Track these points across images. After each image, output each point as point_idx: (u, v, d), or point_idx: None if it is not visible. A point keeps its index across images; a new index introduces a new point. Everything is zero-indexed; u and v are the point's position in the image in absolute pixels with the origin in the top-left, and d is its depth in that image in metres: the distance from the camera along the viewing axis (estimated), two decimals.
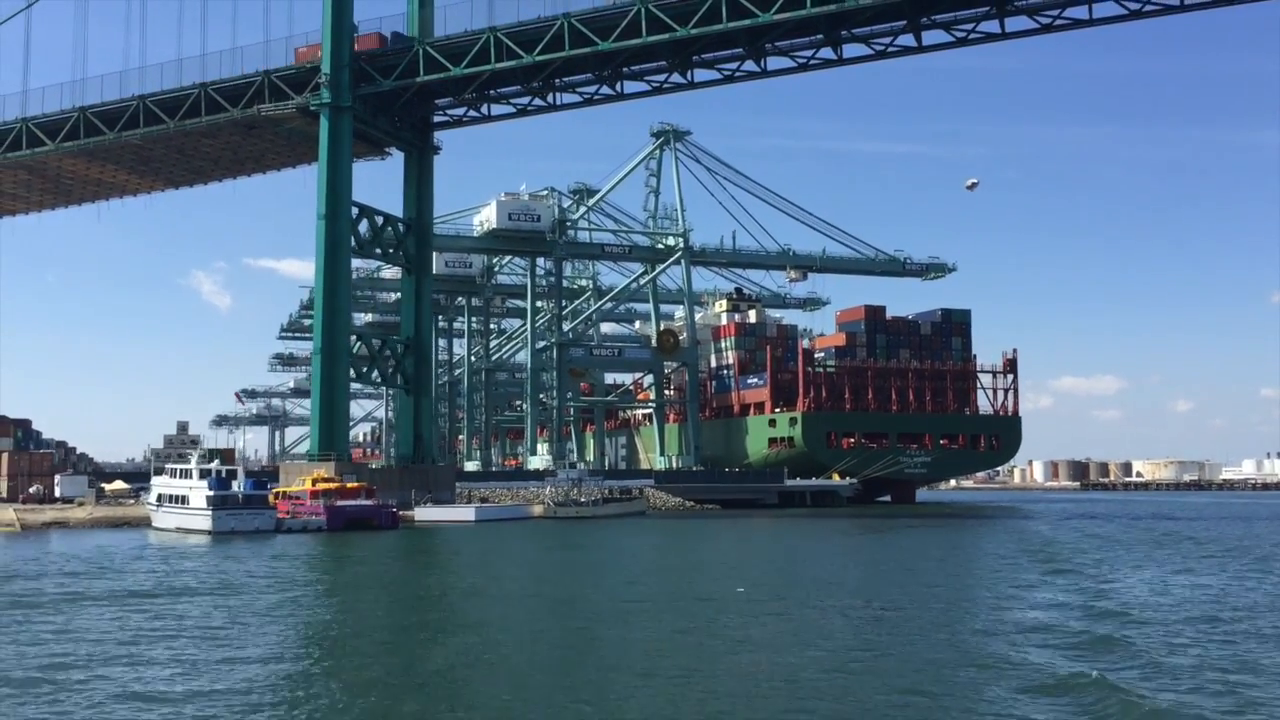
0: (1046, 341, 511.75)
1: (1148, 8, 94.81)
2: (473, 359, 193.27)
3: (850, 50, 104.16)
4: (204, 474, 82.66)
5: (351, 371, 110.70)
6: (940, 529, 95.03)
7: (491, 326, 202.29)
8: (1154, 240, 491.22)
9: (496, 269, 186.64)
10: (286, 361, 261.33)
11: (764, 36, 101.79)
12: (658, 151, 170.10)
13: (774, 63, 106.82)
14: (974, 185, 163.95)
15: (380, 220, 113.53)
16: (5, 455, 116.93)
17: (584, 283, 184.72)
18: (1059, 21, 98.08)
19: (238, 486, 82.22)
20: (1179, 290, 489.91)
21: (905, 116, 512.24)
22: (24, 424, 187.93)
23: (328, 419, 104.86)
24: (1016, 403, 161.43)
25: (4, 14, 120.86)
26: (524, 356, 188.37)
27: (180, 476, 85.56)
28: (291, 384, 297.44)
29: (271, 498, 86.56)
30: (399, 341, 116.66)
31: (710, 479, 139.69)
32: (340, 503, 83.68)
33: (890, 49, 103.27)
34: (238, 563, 56.91)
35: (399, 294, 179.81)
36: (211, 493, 79.56)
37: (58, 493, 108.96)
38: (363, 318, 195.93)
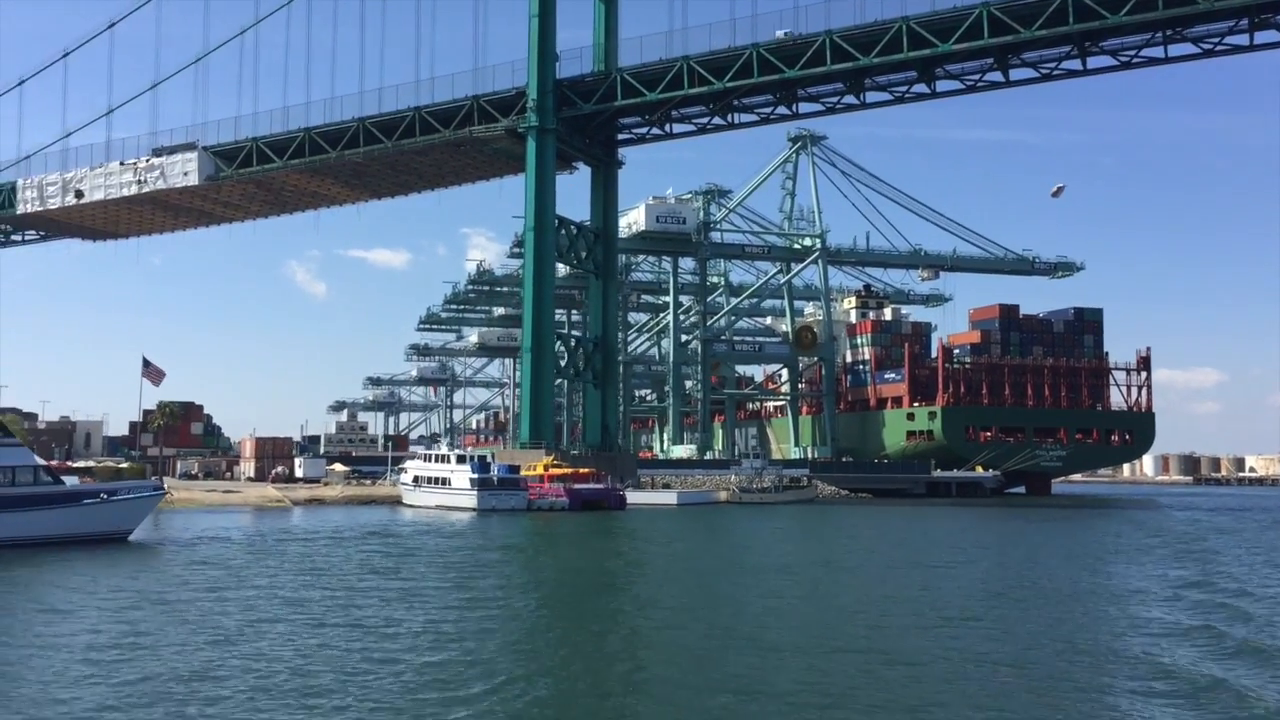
0: (1141, 333, 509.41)
1: (1225, 42, 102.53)
2: None
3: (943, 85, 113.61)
4: (461, 459, 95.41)
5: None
6: (1118, 519, 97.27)
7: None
8: (1251, 231, 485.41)
9: (632, 268, 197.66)
10: (422, 352, 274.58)
11: (936, 64, 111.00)
12: (794, 155, 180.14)
13: (942, 85, 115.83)
14: (1059, 191, 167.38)
15: (575, 230, 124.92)
16: (250, 440, 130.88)
17: (716, 279, 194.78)
18: (1135, 60, 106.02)
19: (494, 471, 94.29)
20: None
21: (994, 102, 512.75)
22: (198, 409, 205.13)
23: (536, 410, 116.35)
24: (1150, 399, 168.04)
25: (224, 36, 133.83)
26: (654, 351, 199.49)
27: (437, 461, 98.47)
28: (414, 372, 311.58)
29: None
30: (590, 340, 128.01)
31: (861, 469, 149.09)
32: (578, 485, 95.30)
33: (980, 84, 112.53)
34: (566, 529, 68.48)
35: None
36: (475, 475, 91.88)
37: (298, 473, 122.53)
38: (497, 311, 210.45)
